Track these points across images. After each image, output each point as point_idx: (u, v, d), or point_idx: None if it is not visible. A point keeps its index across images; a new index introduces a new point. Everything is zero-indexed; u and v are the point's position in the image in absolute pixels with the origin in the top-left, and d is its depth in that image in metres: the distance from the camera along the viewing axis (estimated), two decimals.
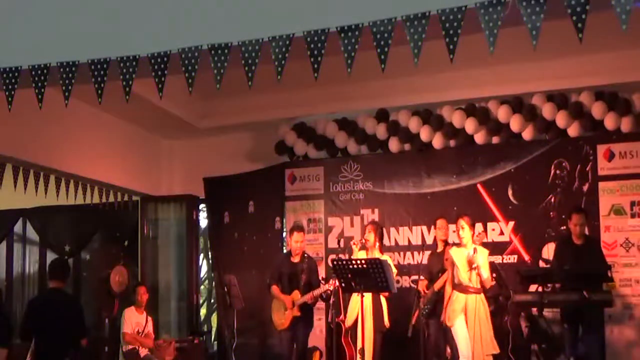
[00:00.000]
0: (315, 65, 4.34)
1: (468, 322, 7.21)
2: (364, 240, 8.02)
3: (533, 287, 7.45)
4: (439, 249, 8.05)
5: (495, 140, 8.71)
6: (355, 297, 7.75)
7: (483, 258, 7.33)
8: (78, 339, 6.59)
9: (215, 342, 10.56)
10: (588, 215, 7.65)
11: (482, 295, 7.30)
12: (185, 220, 10.71)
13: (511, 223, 8.54)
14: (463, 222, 7.40)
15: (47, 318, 6.41)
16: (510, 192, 8.59)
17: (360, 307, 7.21)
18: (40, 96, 4.92)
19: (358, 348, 7.42)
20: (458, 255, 7.35)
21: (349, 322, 7.93)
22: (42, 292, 7.37)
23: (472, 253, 7.23)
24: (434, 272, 7.91)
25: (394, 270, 7.75)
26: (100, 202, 10.00)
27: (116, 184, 9.87)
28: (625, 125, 8.07)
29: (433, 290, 7.74)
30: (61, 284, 6.67)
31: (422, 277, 7.95)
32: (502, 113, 8.53)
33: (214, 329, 11.15)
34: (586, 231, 7.59)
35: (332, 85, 7.91)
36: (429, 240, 8.64)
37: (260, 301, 9.12)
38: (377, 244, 8.05)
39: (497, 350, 7.20)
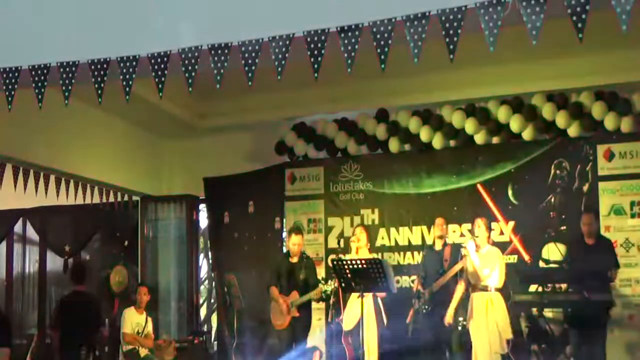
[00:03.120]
0: (315, 65, 4.34)
1: (475, 321, 7.24)
2: (355, 240, 8.03)
3: (533, 287, 7.46)
4: (437, 248, 8.03)
5: (495, 140, 8.71)
6: (353, 300, 7.74)
7: (495, 258, 7.35)
8: (94, 331, 8.29)
9: (215, 342, 10.56)
10: (598, 215, 7.66)
11: (494, 293, 7.29)
12: (185, 220, 10.70)
13: (511, 223, 8.53)
14: (480, 222, 7.45)
15: (66, 316, 8.13)
16: (510, 192, 8.59)
17: (362, 309, 7.19)
18: (40, 96, 4.92)
19: (359, 351, 7.42)
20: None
21: (349, 326, 7.88)
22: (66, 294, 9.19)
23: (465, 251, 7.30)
24: (430, 272, 7.88)
25: None
26: (100, 202, 10.00)
27: (116, 184, 9.87)
28: (625, 125, 8.07)
29: (431, 290, 7.72)
30: (78, 286, 8.29)
31: (417, 277, 7.97)
32: (502, 113, 8.53)
33: (214, 329, 11.14)
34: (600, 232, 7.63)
35: (332, 85, 7.91)
36: (429, 240, 8.65)
37: (260, 301, 9.12)
38: (368, 244, 8.07)
39: (503, 351, 7.19)
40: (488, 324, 7.19)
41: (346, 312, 7.94)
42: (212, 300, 11.66)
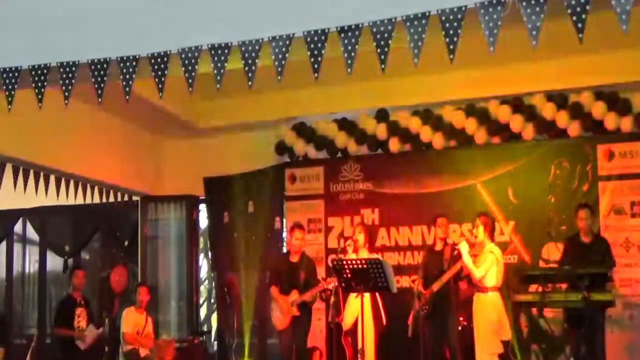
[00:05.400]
0: (315, 65, 4.33)
1: (475, 321, 7.27)
2: (354, 241, 8.02)
3: (533, 287, 7.46)
4: (438, 248, 8.02)
5: (495, 140, 8.71)
6: (352, 300, 7.74)
7: (491, 257, 7.36)
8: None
9: (215, 342, 10.56)
10: (594, 211, 7.65)
11: (493, 293, 7.30)
12: (185, 220, 10.71)
13: (511, 223, 8.54)
14: (478, 222, 7.45)
15: None
16: (510, 192, 8.59)
17: (361, 309, 7.19)
18: (40, 96, 4.92)
19: (358, 348, 7.41)
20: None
21: (347, 324, 7.89)
22: None
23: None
24: (431, 272, 7.87)
25: None
26: (100, 202, 10.00)
27: (116, 184, 9.87)
28: (625, 125, 8.07)
29: (431, 290, 7.70)
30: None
31: (415, 277, 7.97)
32: (502, 113, 8.54)
33: (214, 329, 11.15)
34: (597, 230, 7.64)
35: (333, 85, 7.91)
36: (429, 240, 8.64)
37: (260, 301, 9.12)
38: (367, 244, 8.07)
39: (499, 351, 7.20)
40: (484, 324, 7.21)
41: (345, 312, 7.95)
42: (212, 300, 11.67)
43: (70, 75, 4.83)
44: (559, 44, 6.15)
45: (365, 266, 6.97)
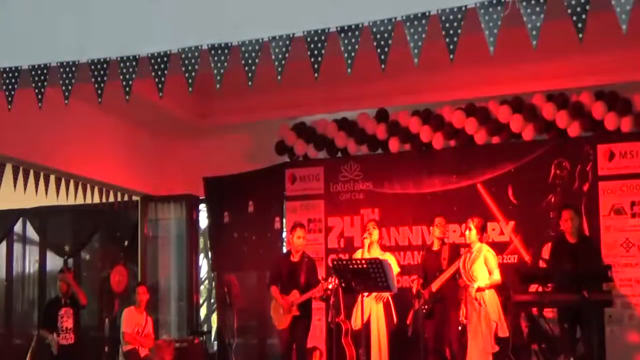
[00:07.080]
0: (315, 65, 4.33)
1: (471, 319, 7.27)
2: (367, 236, 8.02)
3: (533, 287, 7.45)
4: (435, 248, 8.02)
5: (495, 140, 8.71)
6: (362, 300, 7.74)
7: (482, 257, 7.37)
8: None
9: (215, 342, 10.57)
10: (578, 211, 7.63)
11: (490, 291, 7.30)
12: (185, 220, 10.71)
13: (511, 223, 8.54)
14: (471, 224, 7.44)
15: None
16: (510, 192, 8.59)
17: (361, 309, 7.19)
18: (40, 96, 4.93)
19: (359, 351, 7.43)
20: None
21: (358, 325, 7.85)
22: None
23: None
24: (429, 271, 7.87)
25: (397, 269, 7.78)
26: (100, 202, 10.00)
27: (116, 184, 9.87)
28: (625, 125, 8.07)
29: (430, 290, 7.71)
30: None
31: (415, 277, 7.98)
32: (502, 113, 8.54)
33: (214, 329, 11.15)
34: (583, 230, 7.62)
35: (332, 85, 7.91)
36: (429, 240, 8.64)
37: (260, 301, 9.12)
38: (380, 240, 8.09)
39: (495, 349, 7.21)
40: (479, 322, 7.21)
41: (355, 312, 7.91)
42: (212, 300, 11.68)
43: (70, 75, 4.84)
44: (559, 44, 6.15)
45: (365, 266, 6.97)
